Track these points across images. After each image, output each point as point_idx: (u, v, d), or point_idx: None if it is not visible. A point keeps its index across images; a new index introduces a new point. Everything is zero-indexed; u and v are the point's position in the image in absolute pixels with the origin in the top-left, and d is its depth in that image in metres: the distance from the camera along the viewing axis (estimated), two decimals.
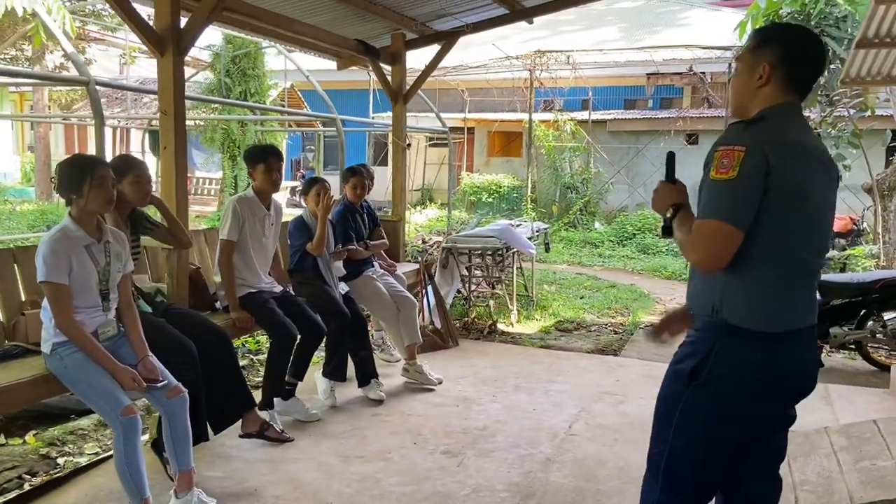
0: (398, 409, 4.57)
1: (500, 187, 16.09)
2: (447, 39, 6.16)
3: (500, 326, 6.85)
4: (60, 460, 3.83)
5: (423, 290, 6.18)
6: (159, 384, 3.03)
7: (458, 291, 7.21)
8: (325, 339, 4.47)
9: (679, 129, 14.64)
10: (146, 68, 20.58)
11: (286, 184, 18.67)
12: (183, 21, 3.82)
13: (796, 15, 7.93)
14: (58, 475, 3.57)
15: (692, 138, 14.94)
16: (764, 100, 1.99)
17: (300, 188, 5.71)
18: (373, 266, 5.10)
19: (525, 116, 15.17)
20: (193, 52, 16.74)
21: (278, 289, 4.21)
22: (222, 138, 11.42)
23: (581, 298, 8.58)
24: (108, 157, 3.79)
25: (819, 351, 2.26)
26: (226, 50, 11.55)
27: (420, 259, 6.28)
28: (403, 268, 6.07)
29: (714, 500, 2.22)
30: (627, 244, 13.45)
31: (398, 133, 6.26)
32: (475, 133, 17.86)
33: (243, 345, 5.95)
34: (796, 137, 1.96)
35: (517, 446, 4.04)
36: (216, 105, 11.84)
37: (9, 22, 8.54)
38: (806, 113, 7.14)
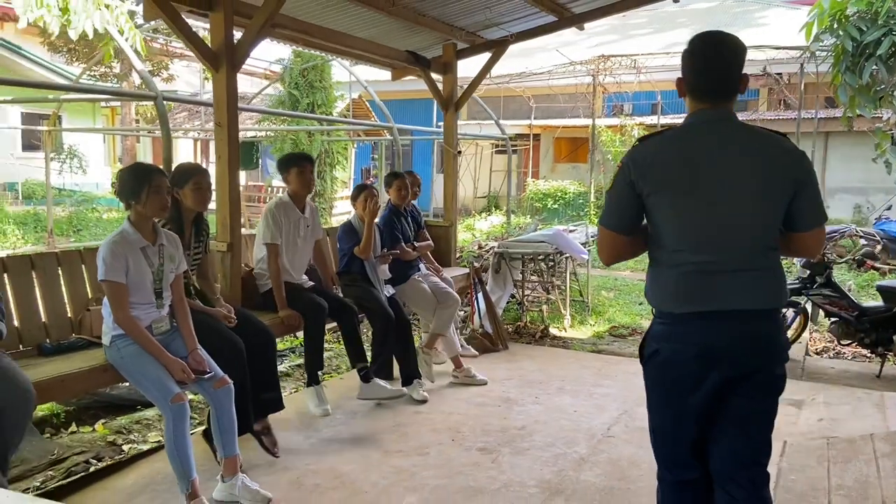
0: (440, 408, 4.71)
1: (566, 193, 16.06)
2: (497, 48, 6.29)
3: (553, 331, 6.89)
4: (125, 447, 4.15)
5: (474, 295, 6.31)
6: (206, 375, 3.27)
7: (512, 296, 7.30)
8: (371, 341, 4.68)
9: None
10: None
11: None
12: (237, 37, 4.10)
13: (863, 14, 7.67)
14: (120, 459, 3.86)
15: None
16: (689, 112, 2.22)
17: None
18: (418, 269, 5.27)
19: (590, 122, 15.12)
20: (263, 65, 17.43)
21: (308, 285, 4.43)
22: (291, 148, 11.87)
23: (640, 304, 8.51)
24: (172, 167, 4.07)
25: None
26: (294, 63, 12.04)
27: (470, 263, 6.40)
28: (453, 272, 6.22)
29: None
30: None
31: (449, 140, 6.43)
32: (541, 139, 17.87)
33: (293, 350, 6.24)
34: (675, 144, 2.18)
35: (553, 445, 4.12)
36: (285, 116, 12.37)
37: (97, 41, 9.15)
38: (880, 113, 6.85)
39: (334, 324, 4.63)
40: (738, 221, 2.13)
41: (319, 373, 4.32)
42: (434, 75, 6.34)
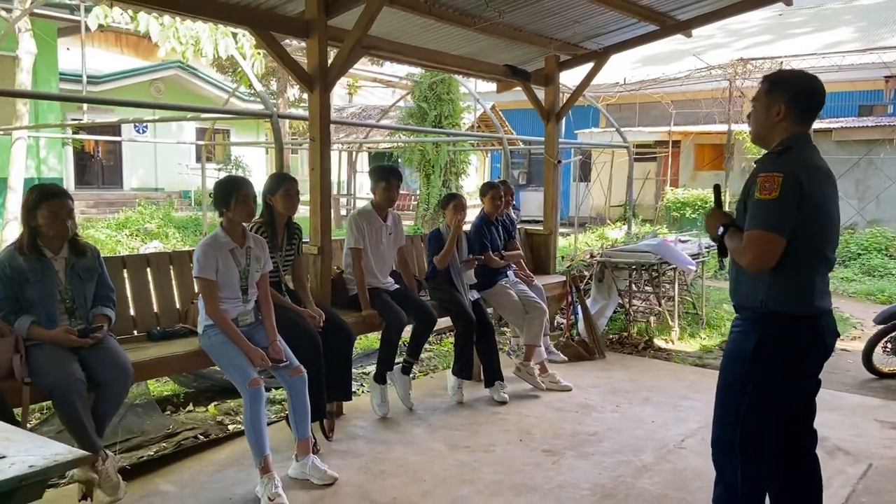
0: (517, 410, 4.87)
1: (706, 202, 15.45)
2: (598, 59, 6.34)
3: (659, 343, 6.80)
4: (230, 426, 4.66)
5: (570, 303, 6.38)
6: (282, 364, 3.66)
7: (620, 306, 7.26)
8: (454, 342, 4.93)
9: None
10: (365, 97, 22.74)
11: None
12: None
13: None
14: (220, 436, 4.36)
15: None
16: (782, 132, 2.50)
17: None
18: (507, 276, 5.44)
19: (735, 127, 14.49)
20: (394, 80, 18.18)
21: (394, 287, 4.73)
22: (419, 159, 12.40)
23: None
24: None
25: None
26: (423, 77, 12.57)
27: (567, 272, 6.48)
28: (551, 279, 6.33)
29: None
30: (850, 265, 12.25)
31: (550, 151, 6.55)
32: (681, 146, 17.31)
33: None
34: (814, 162, 2.48)
35: (619, 452, 4.16)
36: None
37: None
38: None
39: (441, 326, 4.93)
40: (839, 230, 2.58)
41: (388, 373, 4.63)
42: (536, 87, 6.49)
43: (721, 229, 2.60)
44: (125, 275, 3.94)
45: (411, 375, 4.88)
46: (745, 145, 14.58)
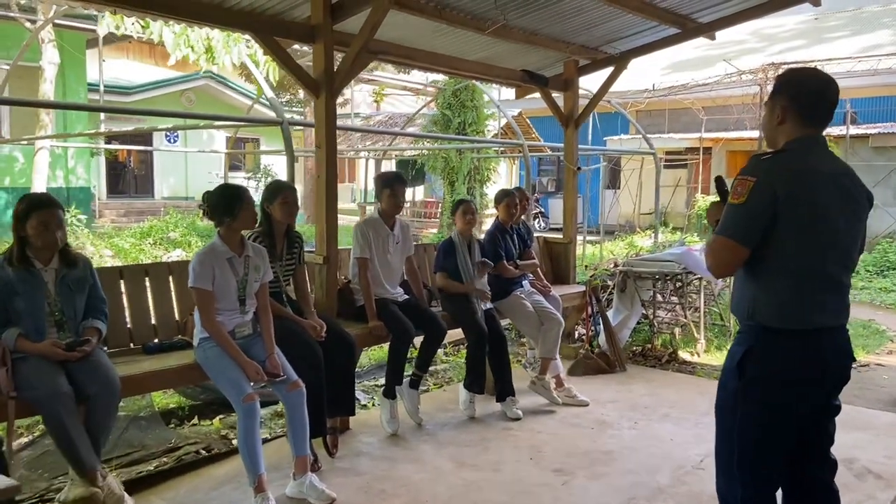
0: (529, 426, 4.69)
1: None
2: (618, 63, 6.15)
3: (684, 356, 6.56)
4: (235, 441, 4.55)
5: (590, 315, 6.18)
6: (279, 378, 3.54)
7: (644, 317, 7.04)
8: (466, 355, 4.78)
9: None
10: (396, 105, 22.73)
11: None
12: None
13: None
14: (222, 451, 4.26)
15: None
16: (786, 134, 2.33)
17: (535, 211, 5.98)
18: (521, 286, 5.27)
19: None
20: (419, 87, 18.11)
21: (402, 297, 4.59)
22: (443, 166, 12.28)
23: None
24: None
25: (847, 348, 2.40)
26: (448, 84, 12.47)
27: (587, 282, 6.29)
28: (571, 289, 6.15)
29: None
30: (889, 275, 11.81)
31: (570, 157, 6.37)
32: (712, 153, 16.95)
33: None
34: (811, 165, 2.28)
35: (633, 473, 3.97)
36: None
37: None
38: None
39: (458, 337, 4.76)
40: (852, 243, 2.38)
41: (398, 388, 4.49)
42: (555, 93, 6.33)
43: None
44: (122, 286, 3.86)
45: (421, 389, 4.73)
46: None
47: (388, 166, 18.89)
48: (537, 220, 17.80)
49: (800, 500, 2.51)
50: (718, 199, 2.55)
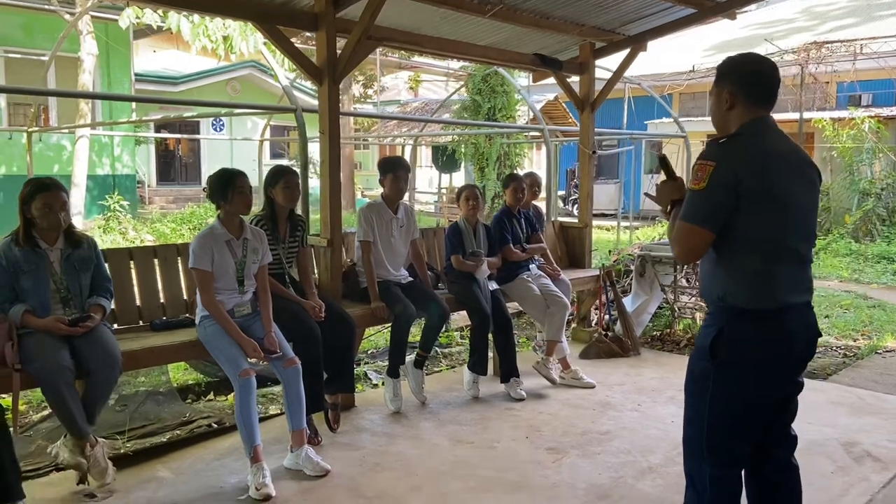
0: (532, 407, 4.75)
1: None
2: (634, 46, 6.10)
3: None
4: None
5: (604, 298, 6.17)
6: (275, 355, 3.68)
7: (666, 301, 6.99)
8: (470, 336, 4.87)
9: None
10: (435, 91, 22.78)
11: (561, 192, 19.21)
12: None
13: None
14: (230, 425, 4.43)
15: None
16: (737, 119, 2.36)
17: (573, 197, 5.88)
18: (528, 269, 5.31)
19: (813, 115, 13.76)
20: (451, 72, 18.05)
21: (406, 280, 4.69)
22: (473, 152, 12.31)
23: (826, 318, 7.70)
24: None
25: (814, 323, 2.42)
26: (477, 70, 12.46)
27: (601, 265, 6.28)
28: (585, 273, 6.15)
29: None
30: None
31: (585, 141, 6.34)
32: None
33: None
34: (768, 146, 2.30)
35: (626, 453, 4.00)
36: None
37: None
38: None
39: (468, 323, 4.87)
40: (812, 218, 2.44)
41: (401, 367, 4.60)
42: (572, 77, 6.31)
43: (670, 206, 2.44)
44: (132, 266, 4.05)
45: (434, 370, 4.83)
46: (823, 134, 13.82)
47: (425, 152, 18.98)
48: (576, 206, 17.67)
49: (760, 477, 2.53)
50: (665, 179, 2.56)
